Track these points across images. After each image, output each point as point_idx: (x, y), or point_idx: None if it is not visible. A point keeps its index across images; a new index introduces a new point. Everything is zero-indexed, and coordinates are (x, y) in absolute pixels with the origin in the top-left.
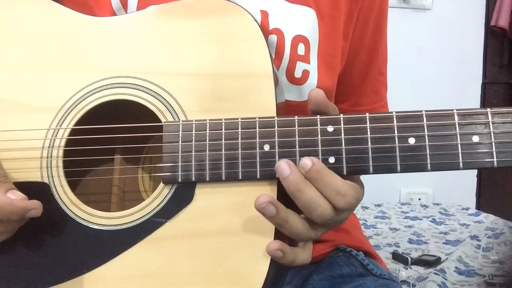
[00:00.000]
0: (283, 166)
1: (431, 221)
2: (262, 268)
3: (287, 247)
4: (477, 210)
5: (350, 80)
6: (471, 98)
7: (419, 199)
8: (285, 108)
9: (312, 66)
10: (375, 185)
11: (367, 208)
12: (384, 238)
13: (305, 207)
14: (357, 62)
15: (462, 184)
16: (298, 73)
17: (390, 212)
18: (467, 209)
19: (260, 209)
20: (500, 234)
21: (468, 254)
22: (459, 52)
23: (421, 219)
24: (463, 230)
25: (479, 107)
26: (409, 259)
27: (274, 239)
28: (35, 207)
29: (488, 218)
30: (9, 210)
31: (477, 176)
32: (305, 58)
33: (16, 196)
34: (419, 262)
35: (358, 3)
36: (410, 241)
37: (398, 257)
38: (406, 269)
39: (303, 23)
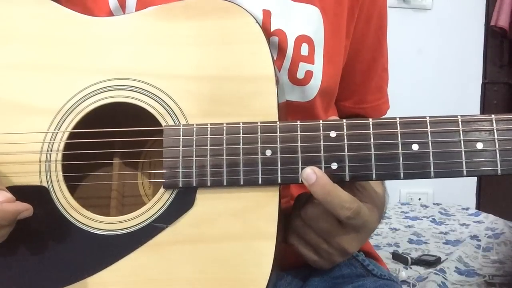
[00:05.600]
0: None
1: (431, 221)
2: (263, 274)
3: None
4: (477, 210)
5: (353, 78)
6: (471, 98)
7: (419, 199)
8: (286, 108)
9: (317, 67)
10: None
11: None
12: (384, 238)
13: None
14: (359, 60)
15: (462, 184)
16: (300, 74)
17: (390, 212)
18: (467, 209)
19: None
20: (500, 234)
21: (468, 254)
22: (459, 52)
23: (421, 219)
24: (463, 230)
25: (479, 107)
26: (409, 259)
27: (276, 244)
28: (25, 208)
29: (488, 218)
30: (0, 217)
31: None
32: (309, 59)
33: (4, 197)
34: (419, 262)
35: (359, 0)
36: (410, 241)
37: (398, 257)
38: (406, 269)
39: (307, 22)
